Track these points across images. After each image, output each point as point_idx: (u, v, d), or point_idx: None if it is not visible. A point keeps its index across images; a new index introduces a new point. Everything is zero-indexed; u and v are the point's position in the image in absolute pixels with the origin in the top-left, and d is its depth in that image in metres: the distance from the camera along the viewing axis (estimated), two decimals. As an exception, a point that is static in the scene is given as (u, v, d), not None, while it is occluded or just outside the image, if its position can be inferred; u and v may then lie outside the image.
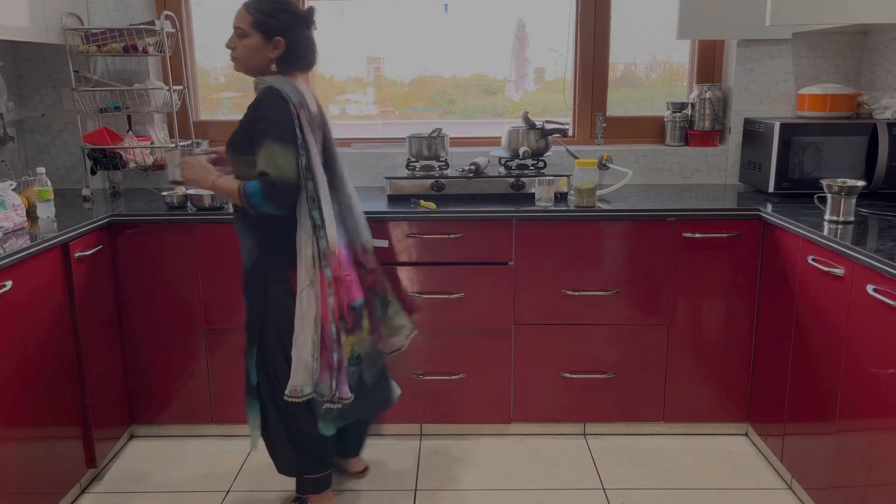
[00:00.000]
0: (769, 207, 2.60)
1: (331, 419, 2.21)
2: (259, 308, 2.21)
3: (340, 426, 2.26)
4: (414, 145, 2.93)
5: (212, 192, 2.56)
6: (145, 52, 2.91)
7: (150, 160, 3.03)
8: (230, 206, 2.54)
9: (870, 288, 1.91)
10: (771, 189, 2.77)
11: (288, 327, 2.16)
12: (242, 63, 2.15)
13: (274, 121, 2.04)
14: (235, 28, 2.13)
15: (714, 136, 3.18)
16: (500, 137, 3.01)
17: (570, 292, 2.68)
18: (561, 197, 2.79)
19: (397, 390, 2.43)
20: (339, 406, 2.18)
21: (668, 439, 2.82)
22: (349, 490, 2.52)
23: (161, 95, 3.01)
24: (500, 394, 2.78)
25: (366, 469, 2.63)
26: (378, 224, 2.62)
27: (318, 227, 2.10)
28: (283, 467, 2.36)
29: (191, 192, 2.72)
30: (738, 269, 2.66)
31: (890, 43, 2.88)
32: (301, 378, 2.15)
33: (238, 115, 2.24)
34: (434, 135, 2.91)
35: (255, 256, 2.20)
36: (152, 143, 3.05)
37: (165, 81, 3.09)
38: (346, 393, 2.18)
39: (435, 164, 2.95)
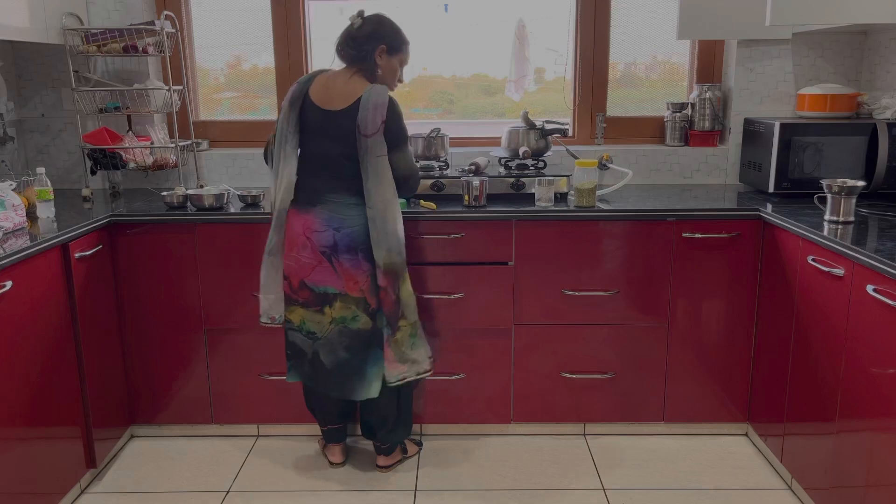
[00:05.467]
0: (769, 207, 2.60)
1: (289, 367, 2.52)
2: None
3: (305, 383, 2.55)
4: (413, 145, 2.93)
5: (214, 193, 2.67)
6: (145, 52, 2.91)
7: (149, 160, 3.03)
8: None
9: (870, 288, 1.91)
10: (771, 189, 2.77)
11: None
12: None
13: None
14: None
15: (714, 136, 3.18)
16: (500, 137, 3.01)
17: (570, 292, 2.68)
18: (561, 197, 2.79)
19: (369, 392, 2.40)
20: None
21: (668, 439, 2.82)
22: (349, 490, 2.52)
23: (161, 95, 3.01)
24: (500, 394, 2.78)
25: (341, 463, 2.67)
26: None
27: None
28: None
29: (191, 192, 2.72)
30: (738, 269, 2.66)
31: (890, 43, 2.88)
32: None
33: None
34: (433, 135, 2.91)
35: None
36: (152, 143, 3.05)
37: (165, 81, 3.09)
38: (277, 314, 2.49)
39: (435, 164, 2.95)
